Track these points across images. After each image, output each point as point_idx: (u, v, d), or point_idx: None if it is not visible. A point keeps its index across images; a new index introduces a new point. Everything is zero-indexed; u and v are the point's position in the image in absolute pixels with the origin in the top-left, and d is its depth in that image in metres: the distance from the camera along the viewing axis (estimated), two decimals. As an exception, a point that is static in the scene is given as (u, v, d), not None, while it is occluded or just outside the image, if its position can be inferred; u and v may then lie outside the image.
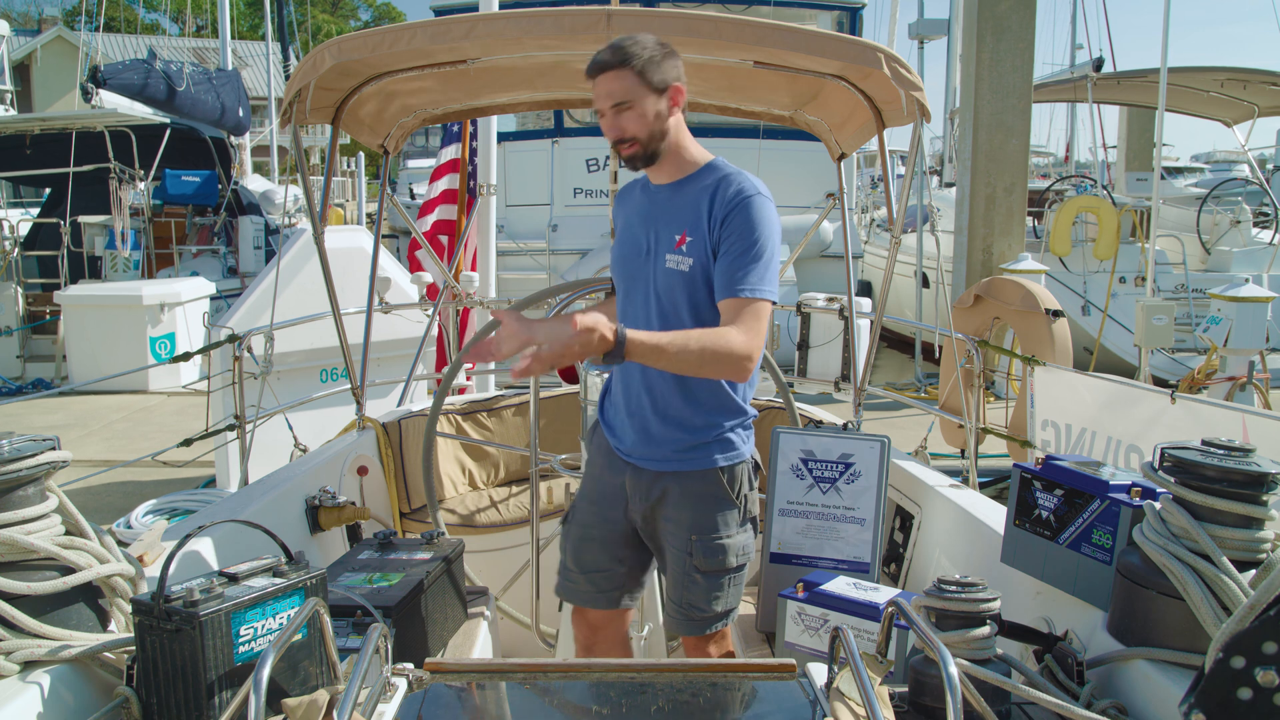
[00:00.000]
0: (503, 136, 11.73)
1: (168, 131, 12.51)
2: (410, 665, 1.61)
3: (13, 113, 17.61)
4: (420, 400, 4.32)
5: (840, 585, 2.43)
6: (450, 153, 6.53)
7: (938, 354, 8.17)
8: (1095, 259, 11.11)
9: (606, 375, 2.62)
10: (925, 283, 11.60)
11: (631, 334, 2.03)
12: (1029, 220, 11.51)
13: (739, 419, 2.43)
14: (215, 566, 2.24)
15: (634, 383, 2.41)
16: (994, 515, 2.58)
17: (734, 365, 2.15)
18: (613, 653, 2.60)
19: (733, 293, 2.19)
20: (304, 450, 3.85)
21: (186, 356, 5.62)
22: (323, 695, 1.50)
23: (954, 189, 12.51)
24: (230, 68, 15.97)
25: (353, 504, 3.10)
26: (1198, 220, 12.51)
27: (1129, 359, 10.23)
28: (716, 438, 2.39)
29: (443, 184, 6.56)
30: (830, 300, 4.39)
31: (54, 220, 11.77)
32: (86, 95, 12.52)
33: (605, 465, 2.53)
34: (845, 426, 3.00)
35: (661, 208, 2.36)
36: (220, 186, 13.39)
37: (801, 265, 10.61)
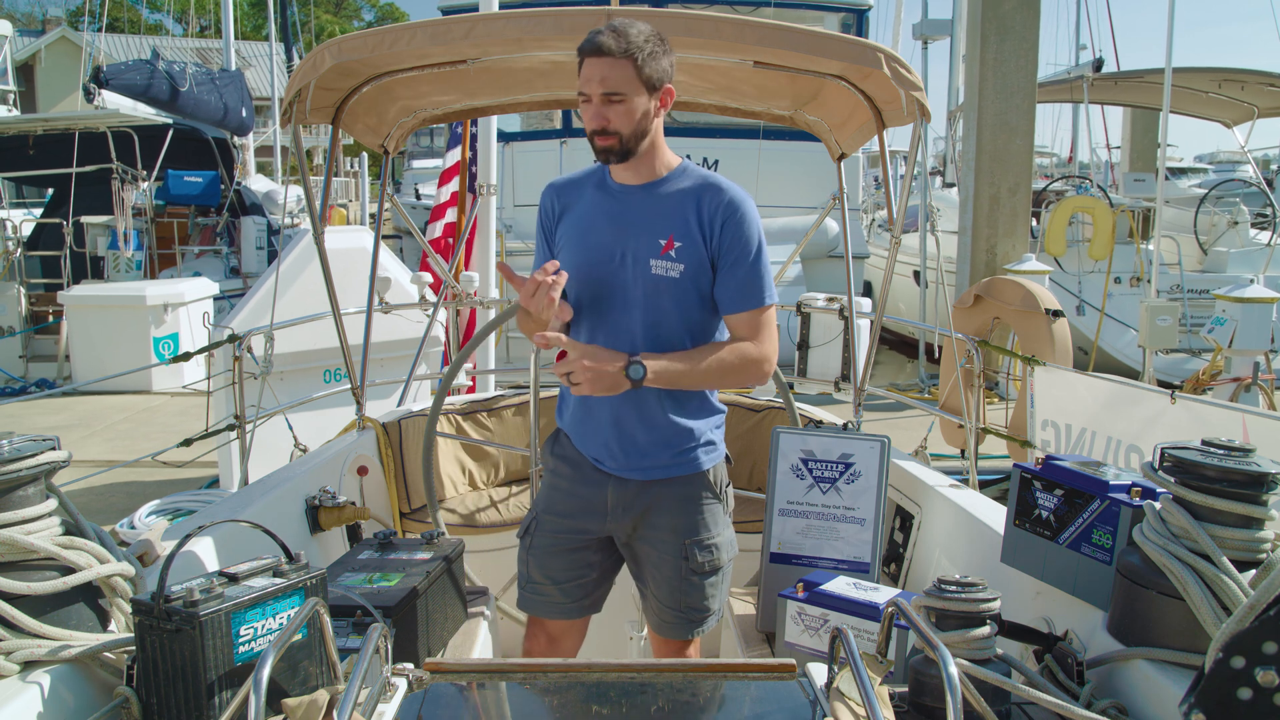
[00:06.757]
0: (509, 136, 11.73)
1: (170, 132, 12.54)
2: (410, 665, 1.61)
3: (16, 113, 17.65)
4: (421, 400, 4.32)
5: (840, 585, 2.43)
6: (456, 155, 6.53)
7: (937, 354, 8.17)
8: (1090, 259, 11.11)
9: None
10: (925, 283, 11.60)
11: (651, 365, 2.12)
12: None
13: (718, 417, 2.43)
14: (215, 566, 2.24)
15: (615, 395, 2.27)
16: (994, 515, 2.58)
17: (757, 373, 2.25)
18: None
19: (746, 306, 2.24)
20: (304, 450, 3.85)
21: (187, 356, 5.63)
22: (323, 695, 1.50)
23: (955, 189, 12.50)
24: (234, 68, 15.98)
25: (353, 504, 3.09)
26: (1194, 221, 12.49)
27: (1123, 359, 10.23)
28: (704, 440, 2.38)
29: (451, 187, 6.57)
30: (830, 300, 4.39)
31: (57, 220, 11.80)
32: (89, 96, 12.56)
33: (577, 478, 2.41)
34: (845, 426, 3.00)
35: (635, 210, 2.26)
36: (223, 187, 13.41)
37: (808, 265, 10.59)
